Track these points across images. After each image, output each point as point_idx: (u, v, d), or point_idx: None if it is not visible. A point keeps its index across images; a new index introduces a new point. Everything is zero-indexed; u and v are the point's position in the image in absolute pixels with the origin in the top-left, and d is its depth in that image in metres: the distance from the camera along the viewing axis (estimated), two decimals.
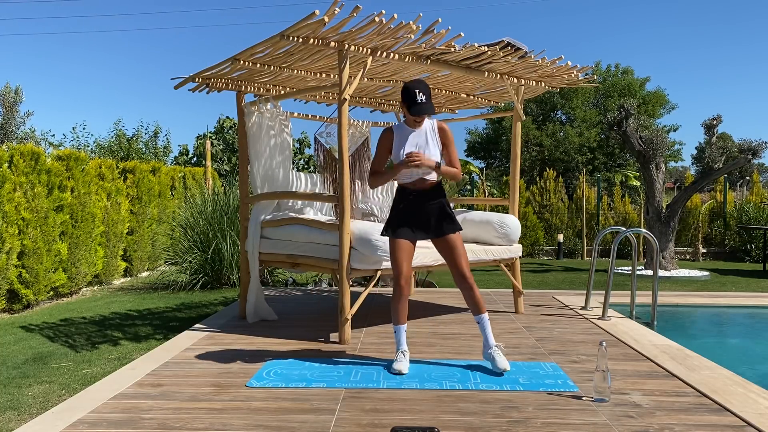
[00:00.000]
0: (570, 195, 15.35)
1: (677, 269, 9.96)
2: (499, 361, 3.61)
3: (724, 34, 62.98)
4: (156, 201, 10.12)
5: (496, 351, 3.67)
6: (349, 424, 2.83)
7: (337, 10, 3.79)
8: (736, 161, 9.96)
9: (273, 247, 5.00)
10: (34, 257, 6.78)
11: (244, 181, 5.53)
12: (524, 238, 12.78)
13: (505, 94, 6.09)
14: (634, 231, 5.55)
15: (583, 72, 5.34)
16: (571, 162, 23.46)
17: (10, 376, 4.17)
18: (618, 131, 10.12)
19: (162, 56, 80.00)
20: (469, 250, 5.03)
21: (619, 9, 63.43)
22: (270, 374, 3.58)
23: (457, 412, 2.98)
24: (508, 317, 5.38)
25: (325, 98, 6.01)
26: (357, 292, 6.16)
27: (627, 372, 3.70)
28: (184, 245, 8.37)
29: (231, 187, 9.42)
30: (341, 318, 4.32)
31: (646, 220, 10.18)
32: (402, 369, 3.59)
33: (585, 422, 2.86)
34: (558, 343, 4.43)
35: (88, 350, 4.88)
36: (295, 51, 4.48)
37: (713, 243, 13.19)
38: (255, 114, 5.19)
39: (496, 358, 3.63)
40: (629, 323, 5.15)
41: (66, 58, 67.76)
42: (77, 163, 7.83)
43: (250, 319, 5.12)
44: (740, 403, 3.11)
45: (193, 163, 18.47)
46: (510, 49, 4.73)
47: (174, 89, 5.18)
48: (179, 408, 3.04)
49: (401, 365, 3.61)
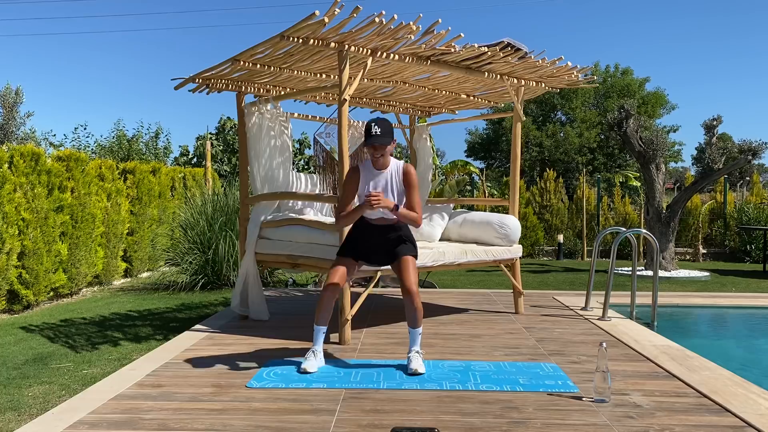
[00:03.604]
0: (570, 195, 15.35)
1: (677, 270, 9.97)
2: (415, 362, 3.62)
3: (724, 34, 63.06)
4: (156, 201, 10.12)
5: (416, 354, 3.69)
6: (349, 424, 2.83)
7: (337, 10, 3.79)
8: (736, 162, 9.96)
9: (273, 248, 5.00)
10: (34, 258, 6.78)
11: (244, 182, 5.53)
12: (524, 239, 12.78)
13: (505, 95, 6.09)
14: (634, 231, 5.55)
15: (583, 72, 5.34)
16: (571, 162, 23.47)
17: (10, 377, 4.17)
18: (618, 132, 10.12)
19: (162, 56, 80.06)
20: (469, 251, 5.03)
21: (619, 9, 63.49)
22: (270, 375, 3.58)
23: (458, 413, 2.98)
24: (508, 318, 5.38)
25: (325, 99, 6.01)
26: (357, 293, 6.16)
27: (627, 373, 3.70)
28: (184, 246, 8.37)
29: (231, 188, 9.42)
30: (341, 318, 4.33)
31: (646, 220, 10.18)
32: (308, 368, 3.59)
33: (585, 423, 2.86)
34: (558, 343, 4.43)
35: (89, 351, 4.88)
36: (295, 52, 4.48)
37: (713, 243, 13.19)
38: (255, 114, 5.19)
39: (412, 360, 3.65)
40: (629, 324, 5.15)
41: (66, 59, 67.83)
42: (77, 164, 7.83)
43: (237, 310, 5.14)
44: (741, 403, 3.11)
45: (194, 163, 18.48)
46: (510, 50, 4.74)
47: (174, 90, 5.19)
48: (179, 408, 3.04)
49: (308, 364, 3.62)
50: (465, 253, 4.99)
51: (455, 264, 4.94)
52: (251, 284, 5.11)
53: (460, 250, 4.97)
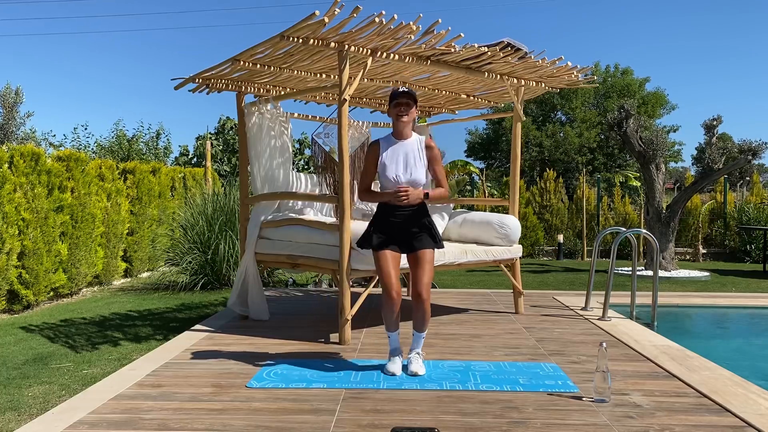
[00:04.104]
0: (570, 195, 15.35)
1: (677, 270, 9.96)
2: (415, 364, 3.62)
3: (724, 34, 63.04)
4: (156, 201, 10.12)
5: (416, 356, 3.68)
6: (349, 424, 2.83)
7: (337, 10, 3.79)
8: (736, 162, 9.96)
9: (273, 248, 5.00)
10: (34, 258, 6.78)
11: (244, 182, 5.53)
12: (524, 239, 12.77)
13: (505, 95, 6.09)
14: (634, 231, 5.55)
15: (582, 72, 5.34)
16: (571, 162, 23.47)
17: (11, 377, 4.17)
18: (618, 132, 10.12)
19: (162, 56, 79.99)
20: (469, 251, 5.03)
21: (619, 9, 63.46)
22: (270, 375, 3.58)
23: (458, 413, 2.98)
24: (508, 318, 5.38)
25: (325, 99, 6.01)
26: (357, 293, 6.16)
27: (627, 372, 3.70)
28: (184, 246, 8.37)
29: (231, 188, 9.42)
30: (341, 318, 4.32)
31: (646, 220, 10.18)
32: (395, 371, 3.60)
33: (585, 423, 2.86)
34: (558, 343, 4.43)
35: (89, 351, 4.88)
36: (295, 52, 4.48)
37: (713, 243, 13.19)
38: (255, 115, 5.19)
39: (413, 361, 3.65)
40: (629, 324, 5.15)
41: (66, 59, 67.81)
42: (77, 164, 7.83)
43: (235, 308, 5.13)
44: (740, 403, 3.11)
45: (194, 163, 18.47)
46: (510, 50, 4.73)
47: (174, 90, 5.19)
48: (179, 408, 3.04)
49: (394, 367, 3.62)
50: (465, 253, 4.99)
51: (455, 264, 4.94)
52: (251, 284, 5.11)
53: (460, 250, 4.97)
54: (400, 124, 3.69)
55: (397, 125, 3.70)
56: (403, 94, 3.62)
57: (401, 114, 3.65)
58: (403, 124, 3.69)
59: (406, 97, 3.62)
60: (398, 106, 3.64)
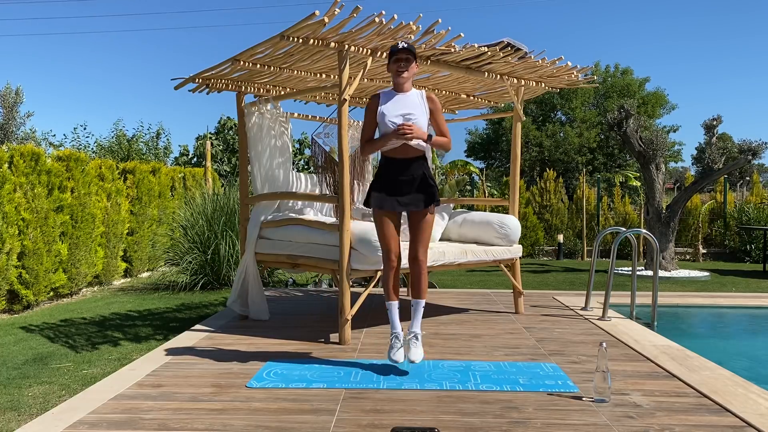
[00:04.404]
0: (570, 195, 15.36)
1: (677, 270, 9.96)
2: (413, 350, 3.59)
3: (724, 34, 63.02)
4: (156, 201, 10.12)
5: (413, 339, 3.64)
6: (349, 424, 2.83)
7: (337, 10, 3.79)
8: (736, 162, 9.96)
9: (273, 248, 5.00)
10: (34, 258, 6.78)
11: (244, 182, 5.53)
12: (524, 239, 12.78)
13: (505, 95, 6.09)
14: (634, 231, 5.55)
15: (582, 72, 5.34)
16: (570, 162, 23.47)
17: (11, 377, 4.17)
18: (618, 132, 10.12)
19: (162, 56, 80.00)
20: (469, 251, 5.03)
21: (619, 9, 63.46)
22: (270, 375, 3.58)
23: (458, 413, 2.98)
24: (508, 318, 5.38)
25: (325, 99, 6.02)
26: (357, 293, 6.16)
27: (627, 372, 3.70)
28: (184, 246, 8.37)
29: (231, 188, 9.42)
30: (341, 318, 4.32)
31: (646, 220, 10.18)
32: (398, 358, 3.57)
33: (585, 423, 2.86)
34: (558, 343, 4.43)
35: (89, 351, 4.88)
36: (295, 52, 4.48)
37: (713, 243, 13.20)
38: (255, 114, 5.19)
39: (411, 346, 3.62)
40: (629, 324, 5.15)
41: (66, 59, 67.79)
42: (77, 164, 7.83)
43: (234, 307, 5.13)
44: (741, 403, 3.11)
45: (193, 163, 18.47)
46: (510, 50, 4.74)
47: (174, 90, 5.19)
48: (179, 408, 3.04)
49: (397, 354, 3.58)
50: (465, 253, 4.99)
51: (455, 264, 4.94)
52: (251, 284, 5.11)
53: (460, 250, 4.97)
54: (400, 79, 3.66)
55: (397, 80, 3.68)
56: (403, 50, 3.59)
57: (401, 70, 3.63)
58: (403, 79, 3.67)
59: (405, 53, 3.59)
60: (398, 61, 3.63)
